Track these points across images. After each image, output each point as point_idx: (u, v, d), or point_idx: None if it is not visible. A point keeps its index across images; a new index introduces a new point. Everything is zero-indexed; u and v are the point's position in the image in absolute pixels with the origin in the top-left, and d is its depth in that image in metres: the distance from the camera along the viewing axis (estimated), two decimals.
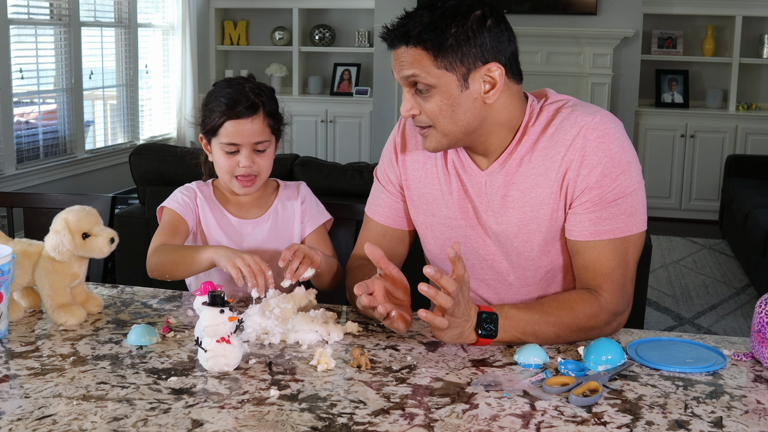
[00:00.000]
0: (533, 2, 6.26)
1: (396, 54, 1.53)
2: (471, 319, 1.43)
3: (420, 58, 1.49)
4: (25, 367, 1.35)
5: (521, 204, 1.57)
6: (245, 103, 1.84)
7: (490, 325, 1.44)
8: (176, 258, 1.81)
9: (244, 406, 1.22)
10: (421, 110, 1.54)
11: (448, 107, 1.51)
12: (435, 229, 1.69)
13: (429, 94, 1.51)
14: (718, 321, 4.16)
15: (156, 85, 6.66)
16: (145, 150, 3.48)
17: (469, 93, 1.51)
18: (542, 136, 1.56)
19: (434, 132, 1.55)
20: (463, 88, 1.50)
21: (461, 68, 1.49)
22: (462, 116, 1.52)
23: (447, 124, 1.53)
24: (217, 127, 1.86)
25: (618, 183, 1.51)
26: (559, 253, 1.60)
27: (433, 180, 1.68)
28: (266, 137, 1.88)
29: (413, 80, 1.51)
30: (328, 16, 7.17)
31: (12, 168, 4.91)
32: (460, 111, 1.52)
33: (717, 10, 6.30)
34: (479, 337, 1.44)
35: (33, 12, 5.17)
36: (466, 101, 1.51)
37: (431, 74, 1.49)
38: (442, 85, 1.50)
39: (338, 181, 3.25)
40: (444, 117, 1.52)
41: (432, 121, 1.54)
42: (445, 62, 1.48)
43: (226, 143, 1.86)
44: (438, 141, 1.56)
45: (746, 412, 1.22)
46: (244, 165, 1.86)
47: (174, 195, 1.96)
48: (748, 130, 6.27)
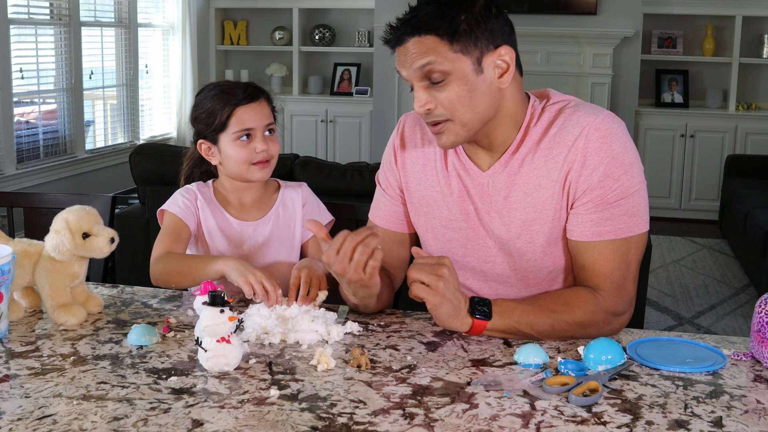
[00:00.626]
0: (533, 2, 6.25)
1: (404, 49, 1.51)
2: (463, 300, 1.47)
3: (434, 45, 1.48)
4: (26, 367, 1.35)
5: (524, 205, 1.57)
6: (246, 90, 1.88)
7: (484, 308, 1.47)
8: (183, 268, 1.80)
9: (244, 406, 1.22)
10: (436, 103, 1.51)
11: (466, 93, 1.50)
12: (436, 231, 1.68)
13: (444, 83, 1.49)
14: (718, 321, 4.16)
15: (156, 84, 6.66)
16: (145, 150, 3.48)
17: (484, 77, 1.50)
18: (545, 137, 1.56)
19: (451, 125, 1.53)
20: (478, 72, 1.50)
21: (475, 51, 1.49)
22: (479, 102, 1.51)
23: (465, 112, 1.51)
24: (225, 119, 1.86)
25: (620, 183, 1.51)
26: (561, 254, 1.60)
27: (433, 182, 1.67)
28: (272, 119, 1.91)
29: (428, 70, 1.49)
30: (328, 16, 7.17)
31: (12, 168, 4.91)
32: (477, 96, 1.51)
33: (717, 10, 6.30)
34: (474, 319, 1.47)
35: (33, 12, 5.17)
36: (482, 86, 1.51)
37: (447, 59, 1.48)
38: (458, 70, 1.48)
39: (338, 181, 3.25)
40: (462, 105, 1.50)
41: (449, 113, 1.51)
42: (460, 46, 1.48)
43: (239, 131, 1.86)
44: (456, 134, 1.53)
45: (746, 411, 1.22)
46: (261, 149, 1.87)
47: (174, 198, 1.95)
48: (748, 130, 6.27)
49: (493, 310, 1.48)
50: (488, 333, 1.49)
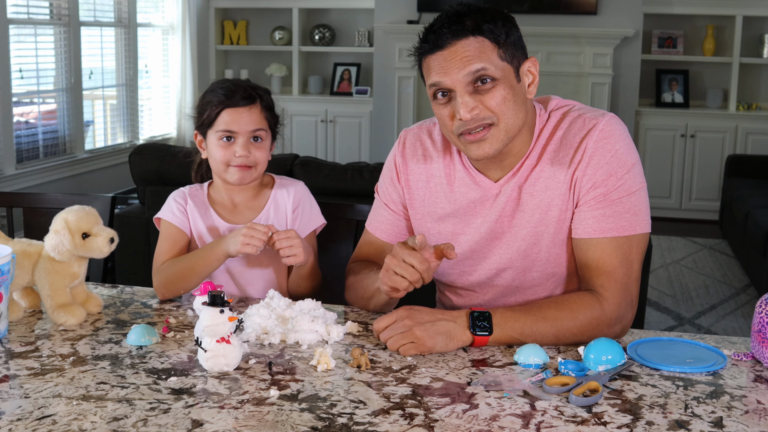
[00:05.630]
0: (533, 2, 6.25)
1: (450, 53, 1.50)
2: (450, 320, 1.44)
3: (487, 50, 1.49)
4: (25, 367, 1.35)
5: (531, 208, 1.58)
6: (242, 93, 1.86)
7: (484, 323, 1.45)
8: (185, 268, 1.79)
9: (244, 406, 1.22)
10: (482, 108, 1.51)
11: (511, 98, 1.52)
12: (440, 244, 1.68)
13: (492, 89, 1.50)
14: (718, 321, 4.16)
15: (156, 84, 6.66)
16: (145, 150, 3.48)
17: (521, 86, 1.54)
18: (551, 140, 1.58)
19: (495, 131, 1.52)
20: (517, 80, 1.53)
21: (515, 60, 1.53)
22: (520, 108, 1.54)
23: (511, 116, 1.52)
24: (213, 117, 1.85)
25: (623, 182, 1.53)
26: (564, 258, 1.60)
27: (438, 197, 1.67)
28: (263, 126, 1.87)
29: (481, 75, 1.49)
30: (328, 15, 7.17)
31: (12, 168, 4.91)
32: (519, 105, 1.53)
33: (717, 10, 6.30)
34: (475, 336, 1.45)
35: (33, 12, 5.17)
36: (521, 95, 1.54)
37: (497, 66, 1.50)
38: (505, 77, 1.51)
39: (338, 181, 3.25)
40: (509, 109, 1.52)
41: (497, 116, 1.51)
42: (506, 54, 1.51)
43: (222, 131, 1.85)
44: (499, 140, 1.53)
45: (746, 412, 1.22)
46: (240, 154, 1.84)
47: (168, 203, 1.92)
48: (748, 129, 6.27)
49: (493, 323, 1.46)
50: (491, 345, 1.48)
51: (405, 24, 6.39)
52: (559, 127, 1.58)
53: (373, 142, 6.73)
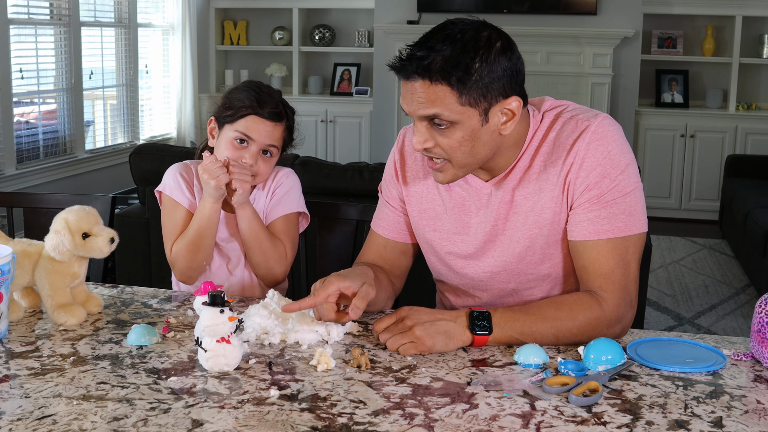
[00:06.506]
0: (533, 2, 6.26)
1: (411, 87, 1.46)
2: (449, 320, 1.45)
3: (443, 95, 1.43)
4: (25, 367, 1.35)
5: (525, 210, 1.58)
6: (274, 108, 1.89)
7: (483, 322, 1.45)
8: (194, 238, 1.86)
9: (244, 406, 1.22)
10: (436, 143, 1.49)
11: (468, 142, 1.48)
12: (435, 243, 1.69)
13: (448, 130, 1.47)
14: (718, 321, 4.16)
15: (156, 85, 6.66)
16: (145, 150, 3.48)
17: (488, 126, 1.48)
18: (544, 142, 1.57)
19: (449, 166, 1.52)
20: (483, 122, 1.47)
21: (483, 103, 1.45)
22: (480, 149, 1.50)
23: (465, 157, 1.50)
24: (239, 115, 1.87)
25: (617, 183, 1.52)
26: (560, 259, 1.60)
27: (433, 195, 1.68)
28: (277, 144, 1.91)
29: (434, 119, 1.46)
30: (328, 16, 7.17)
31: (12, 168, 4.91)
32: (479, 145, 1.50)
33: (717, 10, 6.30)
34: (474, 335, 1.45)
35: (33, 12, 5.17)
36: (485, 134, 1.49)
37: (454, 111, 1.44)
38: (464, 120, 1.46)
39: (338, 181, 3.25)
40: (462, 152, 1.49)
41: (449, 155, 1.50)
42: (469, 98, 1.44)
43: (240, 132, 1.87)
44: (453, 174, 1.54)
45: (746, 412, 1.22)
46: (247, 162, 1.87)
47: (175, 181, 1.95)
48: (748, 130, 6.27)
49: (493, 322, 1.46)
50: (491, 344, 1.49)
51: (405, 24, 6.39)
52: (552, 129, 1.57)
53: (373, 142, 6.73)
